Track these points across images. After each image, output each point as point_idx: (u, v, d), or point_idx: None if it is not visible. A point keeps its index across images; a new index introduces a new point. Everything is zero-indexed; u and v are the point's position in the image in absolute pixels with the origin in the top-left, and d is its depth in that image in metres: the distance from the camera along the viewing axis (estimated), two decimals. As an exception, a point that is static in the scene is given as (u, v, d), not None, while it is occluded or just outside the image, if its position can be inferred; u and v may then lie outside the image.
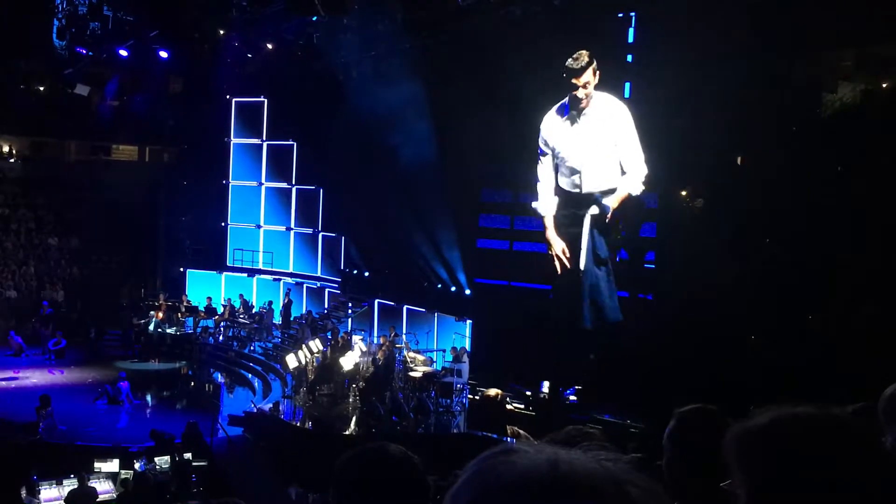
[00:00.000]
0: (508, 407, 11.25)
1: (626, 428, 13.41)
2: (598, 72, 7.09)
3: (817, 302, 13.04)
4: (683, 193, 15.58)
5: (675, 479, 2.37)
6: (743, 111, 13.69)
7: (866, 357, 11.19)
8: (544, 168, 8.09)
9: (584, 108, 7.28)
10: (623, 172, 8.13)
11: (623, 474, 0.93)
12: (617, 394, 14.65)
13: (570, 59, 7.17)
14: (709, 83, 13.79)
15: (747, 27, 13.11)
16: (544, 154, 8.05)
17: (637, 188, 6.91)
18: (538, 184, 8.19)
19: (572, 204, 7.41)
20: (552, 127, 7.73)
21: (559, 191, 7.81)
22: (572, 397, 15.58)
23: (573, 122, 7.48)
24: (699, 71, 13.87)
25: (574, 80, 7.10)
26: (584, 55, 7.11)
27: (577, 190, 7.66)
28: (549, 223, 8.10)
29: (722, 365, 12.93)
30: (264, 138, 26.90)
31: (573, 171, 7.58)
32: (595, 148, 7.51)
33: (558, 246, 7.96)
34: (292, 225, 26.51)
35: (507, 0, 15.99)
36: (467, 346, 18.34)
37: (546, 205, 7.92)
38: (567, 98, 7.37)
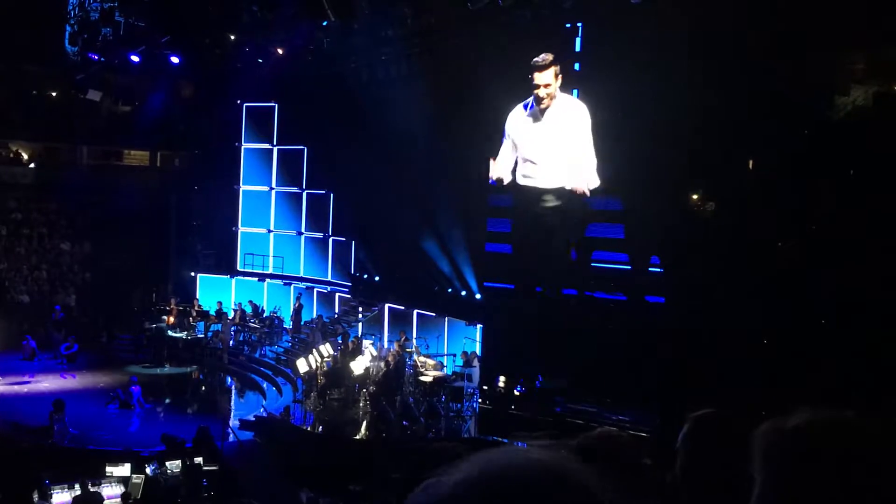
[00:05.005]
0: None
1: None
2: (560, 76, 7.06)
3: (831, 304, 12.95)
4: (694, 197, 15.53)
5: (688, 483, 2.36)
6: (754, 114, 13.64)
7: (881, 359, 11.13)
8: (505, 147, 8.10)
9: (545, 108, 7.31)
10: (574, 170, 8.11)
11: (558, 468, 0.95)
12: (627, 396, 14.62)
13: (536, 57, 7.21)
14: (719, 86, 13.75)
15: (758, 29, 13.07)
16: (506, 138, 8.16)
17: (595, 180, 6.83)
18: (498, 155, 8.17)
19: (525, 201, 7.47)
20: (516, 120, 7.77)
21: (514, 187, 7.82)
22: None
23: (535, 118, 7.50)
24: (708, 73, 13.83)
25: (536, 76, 7.08)
26: (549, 56, 7.11)
27: (531, 184, 7.68)
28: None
29: (734, 368, 12.87)
30: (275, 143, 27.00)
31: (529, 163, 7.61)
32: (553, 144, 7.52)
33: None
34: (303, 229, 26.57)
35: (517, 4, 15.98)
36: (478, 351, 18.33)
37: (501, 167, 7.78)
38: (532, 95, 7.41)
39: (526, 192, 7.11)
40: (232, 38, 21.27)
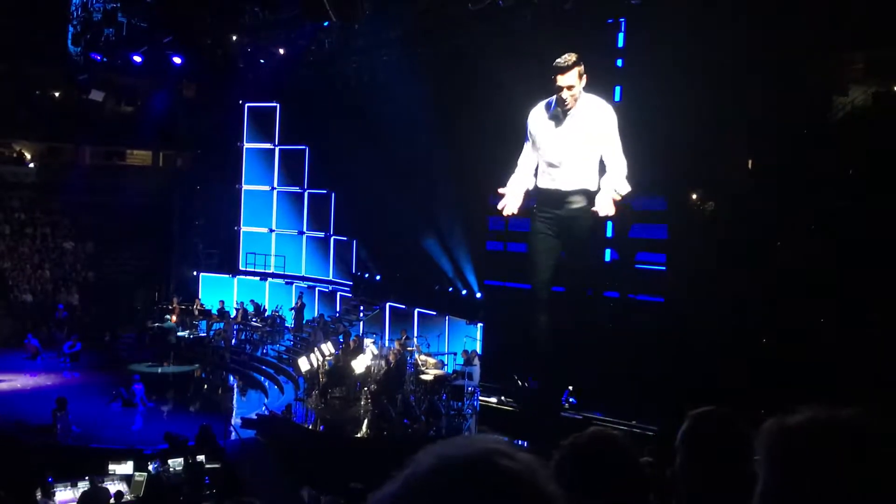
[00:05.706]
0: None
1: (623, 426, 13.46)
2: (584, 76, 7.04)
3: (829, 304, 13.00)
4: (694, 197, 15.58)
5: (687, 481, 2.37)
6: (753, 114, 13.68)
7: (877, 359, 11.17)
8: (526, 150, 8.13)
9: (569, 109, 7.29)
10: (602, 174, 8.16)
11: (491, 453, 0.97)
12: (625, 395, 14.67)
13: (558, 59, 7.18)
14: (718, 87, 13.78)
15: (757, 30, 13.11)
16: (527, 140, 8.14)
17: (625, 186, 6.76)
18: (519, 159, 8.29)
19: (549, 203, 7.42)
20: (536, 120, 7.72)
21: (536, 190, 7.76)
22: (571, 399, 15.61)
23: (557, 120, 7.47)
24: (708, 74, 13.86)
25: (558, 78, 7.06)
26: (571, 57, 7.07)
27: (554, 186, 7.63)
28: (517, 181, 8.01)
29: (733, 367, 12.91)
30: (277, 143, 27.06)
31: (551, 167, 7.58)
32: (576, 146, 7.49)
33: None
34: (304, 229, 26.64)
35: (519, 4, 16.03)
36: (478, 350, 18.38)
37: (522, 172, 7.93)
38: (555, 96, 7.38)
39: (549, 195, 7.07)
40: (234, 38, 21.32)
